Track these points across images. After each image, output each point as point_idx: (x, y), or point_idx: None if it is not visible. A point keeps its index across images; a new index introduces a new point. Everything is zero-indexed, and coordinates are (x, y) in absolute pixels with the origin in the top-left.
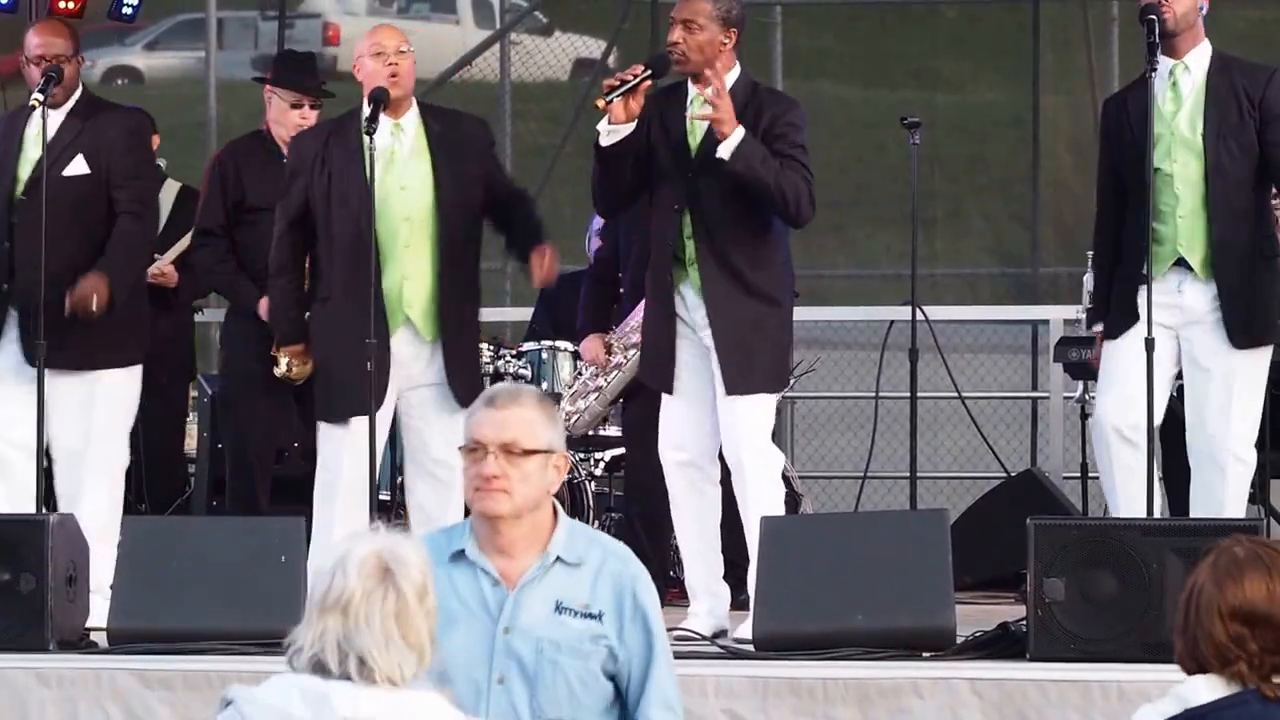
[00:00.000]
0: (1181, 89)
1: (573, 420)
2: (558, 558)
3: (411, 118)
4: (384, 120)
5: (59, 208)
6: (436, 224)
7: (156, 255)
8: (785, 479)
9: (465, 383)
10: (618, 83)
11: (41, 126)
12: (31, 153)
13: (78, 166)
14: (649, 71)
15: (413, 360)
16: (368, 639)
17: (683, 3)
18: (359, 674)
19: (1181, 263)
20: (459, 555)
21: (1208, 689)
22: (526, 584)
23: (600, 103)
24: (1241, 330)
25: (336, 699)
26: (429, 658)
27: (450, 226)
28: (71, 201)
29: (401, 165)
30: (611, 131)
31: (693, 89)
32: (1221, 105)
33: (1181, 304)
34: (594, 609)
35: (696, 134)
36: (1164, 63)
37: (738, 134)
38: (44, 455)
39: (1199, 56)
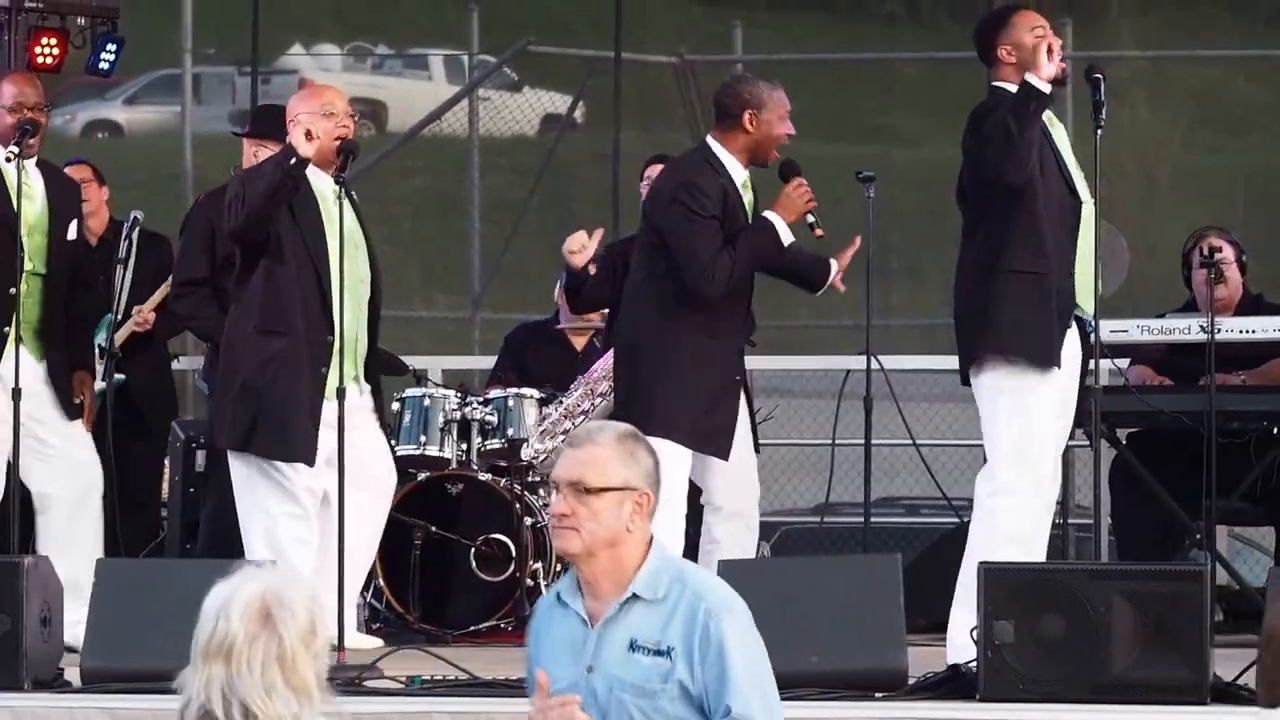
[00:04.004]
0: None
1: (540, 459)
2: (635, 595)
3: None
4: (326, 177)
5: (62, 271)
6: (372, 279)
7: (138, 306)
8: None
9: None
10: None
11: (17, 179)
12: (25, 205)
13: (73, 231)
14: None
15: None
16: (249, 686)
17: (785, 96)
18: None
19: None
20: (559, 597)
21: None
22: (606, 623)
23: (819, 232)
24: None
25: None
26: (318, 699)
27: (377, 281)
28: (70, 266)
29: (351, 225)
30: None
31: (739, 172)
32: None
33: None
34: (664, 645)
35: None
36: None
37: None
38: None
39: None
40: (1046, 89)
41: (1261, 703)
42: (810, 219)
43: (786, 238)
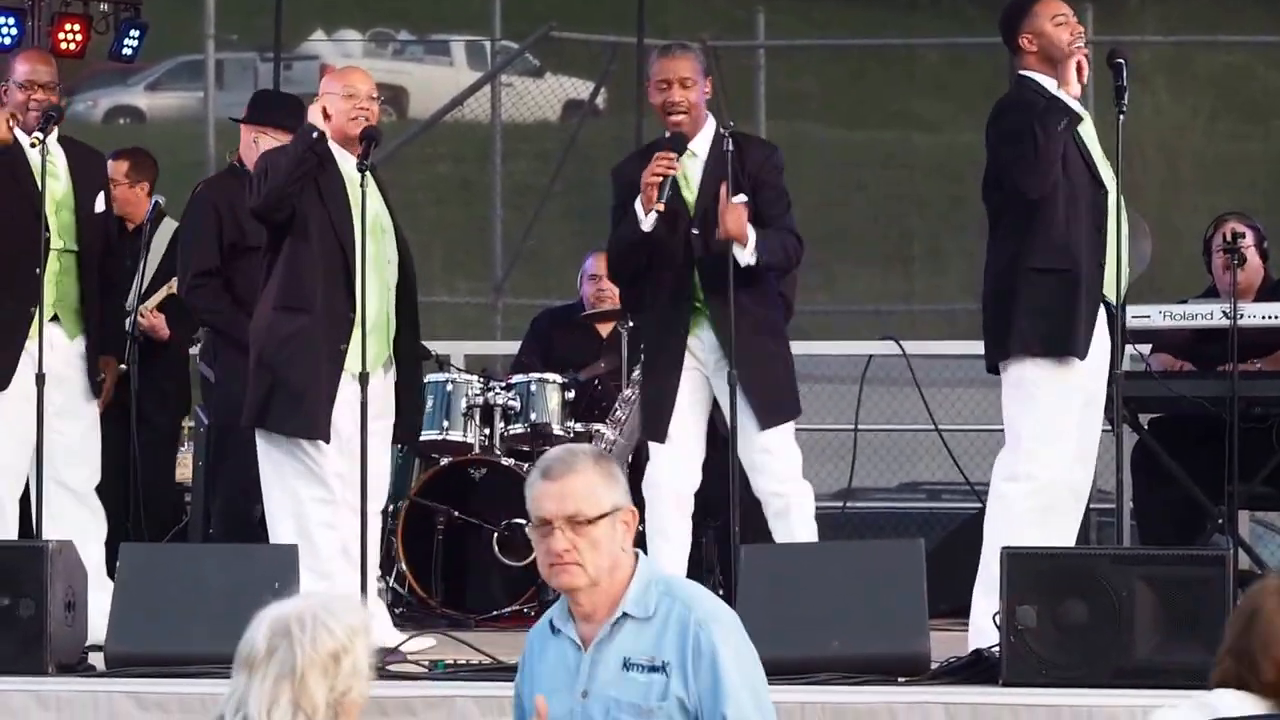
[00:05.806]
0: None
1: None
2: (625, 614)
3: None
4: (351, 159)
5: (93, 244)
6: (400, 260)
7: (143, 306)
8: None
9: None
10: (663, 176)
11: (41, 160)
12: (50, 184)
13: (100, 203)
14: (678, 154)
15: (379, 389)
16: (255, 700)
17: (672, 62)
18: None
19: None
20: (552, 625)
21: (1236, 704)
22: (598, 645)
23: (660, 206)
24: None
25: None
26: None
27: (407, 264)
28: (100, 238)
29: (377, 208)
30: (650, 215)
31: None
32: None
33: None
34: (658, 661)
35: (692, 189)
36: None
37: (751, 237)
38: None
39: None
40: (1079, 109)
41: (1221, 681)
42: (659, 192)
43: (644, 221)
